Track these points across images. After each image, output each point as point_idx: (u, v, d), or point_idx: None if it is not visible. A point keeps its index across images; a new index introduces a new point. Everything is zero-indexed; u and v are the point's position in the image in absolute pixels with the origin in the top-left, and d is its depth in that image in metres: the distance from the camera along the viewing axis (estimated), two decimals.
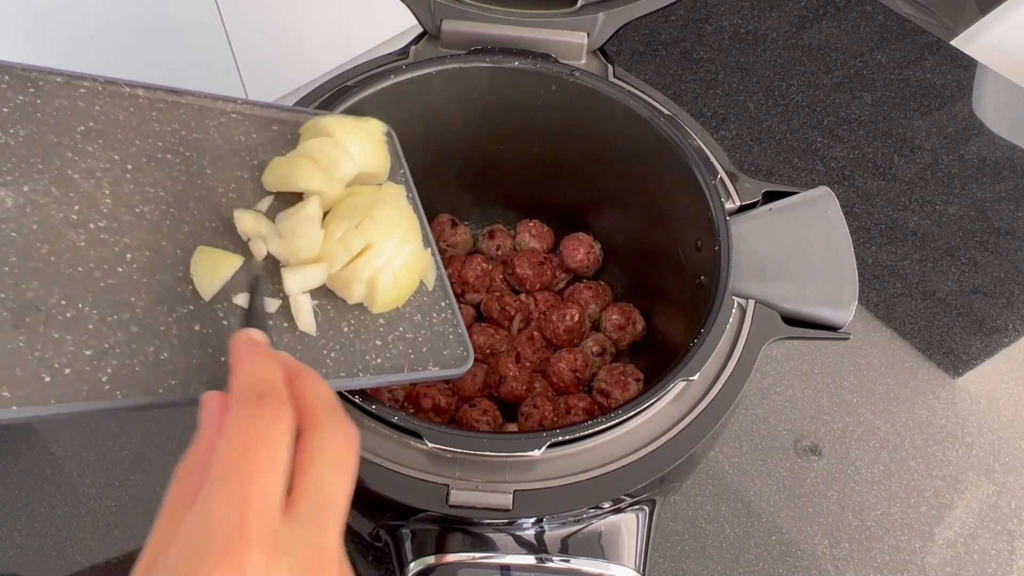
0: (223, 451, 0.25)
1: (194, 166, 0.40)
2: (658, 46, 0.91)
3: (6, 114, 0.36)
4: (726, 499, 0.59)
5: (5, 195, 0.34)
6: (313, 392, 0.28)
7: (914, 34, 0.94)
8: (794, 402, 0.64)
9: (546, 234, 0.65)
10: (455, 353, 0.41)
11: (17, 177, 0.35)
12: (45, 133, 0.37)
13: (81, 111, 0.38)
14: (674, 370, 0.41)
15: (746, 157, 0.81)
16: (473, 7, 0.54)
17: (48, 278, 0.33)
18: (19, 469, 0.58)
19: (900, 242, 0.75)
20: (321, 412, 0.27)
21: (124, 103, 0.40)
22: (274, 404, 0.26)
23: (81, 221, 0.35)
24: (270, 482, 0.24)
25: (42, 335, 0.31)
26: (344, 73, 0.53)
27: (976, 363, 0.68)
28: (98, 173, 0.37)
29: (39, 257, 0.33)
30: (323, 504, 0.25)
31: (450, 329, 0.41)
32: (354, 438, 0.28)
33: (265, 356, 0.29)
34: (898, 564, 0.57)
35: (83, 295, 0.33)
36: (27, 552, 0.54)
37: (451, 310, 0.42)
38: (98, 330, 0.32)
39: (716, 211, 0.47)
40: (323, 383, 0.29)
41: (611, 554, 0.42)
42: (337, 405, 0.28)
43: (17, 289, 0.32)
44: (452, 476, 0.39)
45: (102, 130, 0.38)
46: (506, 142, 0.60)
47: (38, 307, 0.32)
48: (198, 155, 0.41)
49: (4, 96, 0.37)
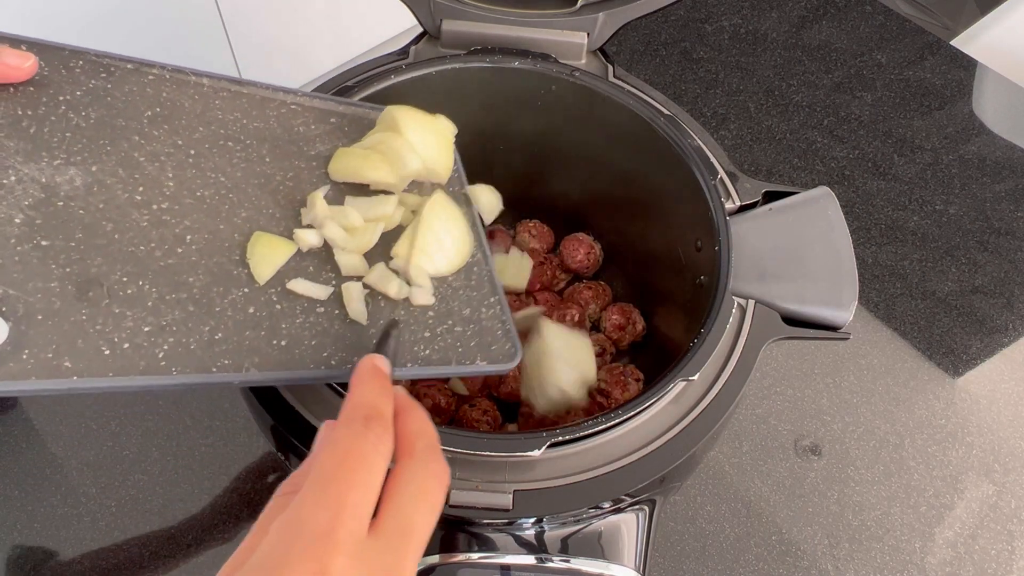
0: (322, 459, 0.26)
1: (254, 154, 0.41)
2: (658, 46, 0.91)
3: (79, 97, 0.38)
4: (726, 499, 0.59)
5: (75, 174, 0.35)
6: (415, 425, 0.29)
7: (914, 34, 0.94)
8: (794, 402, 0.64)
9: (546, 234, 0.65)
10: (503, 349, 0.40)
11: (87, 157, 0.36)
12: (114, 117, 0.38)
13: (149, 97, 0.40)
14: (674, 370, 0.41)
15: (746, 157, 0.81)
16: (473, 7, 0.54)
17: (111, 255, 0.34)
18: (19, 469, 0.58)
19: (900, 242, 0.75)
20: (419, 445, 0.29)
21: (189, 91, 0.41)
22: (378, 428, 0.27)
23: (145, 202, 0.36)
24: (362, 496, 0.25)
25: (104, 310, 0.32)
26: (344, 73, 0.53)
27: (976, 363, 0.68)
28: (162, 157, 0.38)
29: (104, 235, 0.34)
30: (406, 531, 0.26)
31: (498, 325, 0.41)
32: (445, 474, 0.29)
33: (382, 385, 0.30)
34: (898, 564, 0.57)
35: (144, 273, 0.34)
36: (27, 552, 0.54)
37: (500, 305, 0.42)
38: (156, 308, 0.33)
39: (716, 211, 0.47)
40: (429, 422, 0.30)
41: (611, 554, 0.42)
42: (435, 443, 0.29)
43: (82, 264, 0.33)
44: (452, 476, 0.39)
45: (168, 116, 0.40)
46: (506, 142, 0.60)
47: (101, 283, 0.33)
48: (258, 143, 0.42)
49: (78, 80, 0.38)
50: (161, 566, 0.54)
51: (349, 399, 0.29)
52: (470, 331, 0.41)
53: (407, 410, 0.30)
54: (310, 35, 1.39)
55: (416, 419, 0.30)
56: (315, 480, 0.25)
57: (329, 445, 0.27)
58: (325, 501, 0.25)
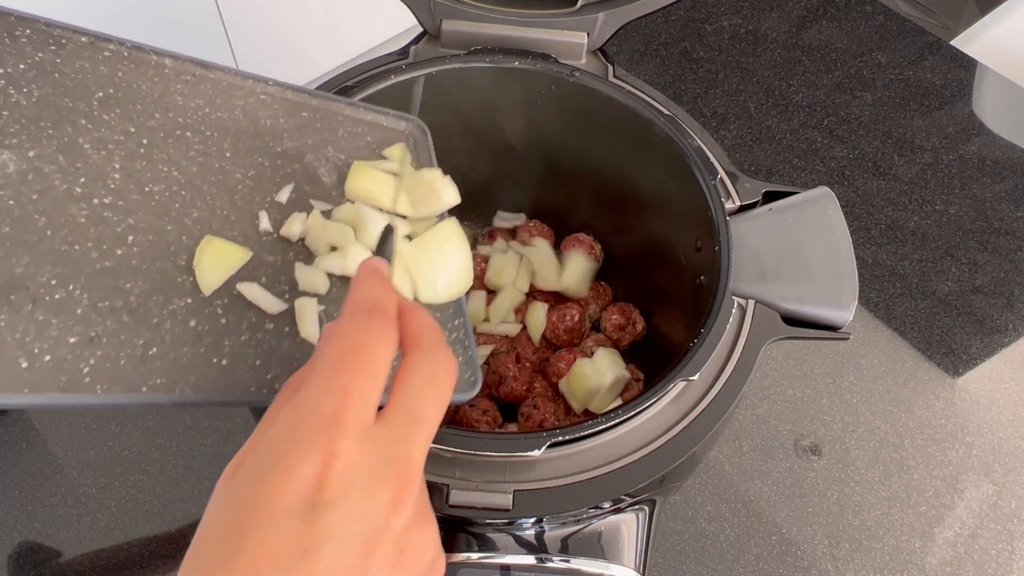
0: (327, 349, 0.26)
1: (213, 147, 0.38)
2: (658, 46, 0.91)
3: (22, 71, 0.34)
4: (726, 499, 0.59)
5: (8, 159, 0.32)
6: (420, 322, 0.29)
7: (914, 34, 0.94)
8: (794, 402, 0.64)
9: (546, 234, 0.65)
10: (461, 376, 0.37)
11: (24, 140, 0.32)
12: (60, 96, 0.34)
13: (102, 76, 0.36)
14: (674, 370, 0.41)
15: (746, 157, 0.81)
16: (473, 7, 0.54)
17: (41, 254, 0.30)
18: (19, 469, 0.58)
19: (900, 242, 0.75)
20: (425, 337, 0.28)
21: (149, 72, 0.37)
22: (382, 319, 0.27)
23: (85, 195, 0.33)
24: (368, 383, 0.25)
25: (26, 316, 0.29)
26: (344, 73, 0.53)
27: (976, 363, 0.68)
28: (111, 144, 0.35)
29: (35, 230, 0.31)
30: (415, 417, 0.26)
31: (460, 351, 0.38)
32: (452, 365, 0.28)
33: (384, 282, 0.30)
34: (898, 564, 0.57)
35: (76, 276, 0.31)
36: (27, 552, 0.54)
37: (464, 329, 0.39)
38: (87, 316, 0.30)
39: (716, 211, 0.47)
40: (432, 320, 0.30)
41: (611, 554, 0.42)
42: (441, 337, 0.29)
43: (6, 262, 0.30)
44: (452, 476, 0.39)
45: (121, 99, 0.36)
46: (506, 142, 0.60)
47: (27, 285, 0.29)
48: (219, 135, 0.38)
49: (23, 51, 0.34)
50: (161, 566, 0.54)
51: (351, 295, 0.28)
52: None
53: (410, 309, 0.30)
54: (310, 35, 1.39)
55: (420, 316, 0.29)
56: (321, 369, 0.25)
57: (333, 336, 0.26)
58: (331, 388, 0.25)
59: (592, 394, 0.54)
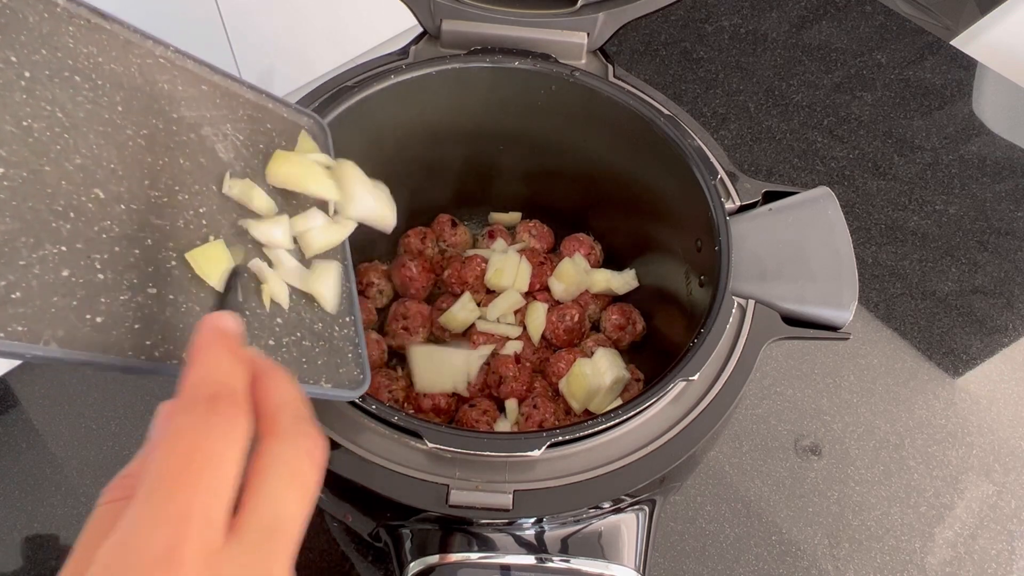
0: (159, 461, 0.21)
1: (104, 98, 0.34)
2: (658, 46, 0.91)
3: None
4: (726, 499, 0.59)
5: None
6: (278, 394, 0.25)
7: (914, 34, 0.94)
8: (794, 402, 0.64)
9: (546, 234, 0.65)
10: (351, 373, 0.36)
11: None
12: None
13: None
14: (674, 370, 0.41)
15: (746, 157, 0.81)
16: (473, 7, 0.54)
17: None
18: (19, 469, 0.58)
19: (900, 242, 0.75)
20: (283, 417, 0.24)
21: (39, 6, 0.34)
22: (228, 409, 0.22)
23: None
24: (212, 500, 0.21)
25: None
26: (344, 73, 0.53)
27: (976, 363, 0.68)
28: None
29: None
30: (274, 527, 0.22)
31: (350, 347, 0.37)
32: (318, 450, 0.24)
33: (229, 351, 0.25)
34: (898, 564, 0.57)
35: None
36: (27, 552, 0.54)
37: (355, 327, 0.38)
38: None
39: (716, 211, 0.47)
40: (292, 385, 0.25)
41: (611, 554, 0.42)
42: (304, 411, 0.25)
43: None
44: (452, 476, 0.39)
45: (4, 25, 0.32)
46: (506, 142, 0.60)
47: None
48: (112, 88, 0.35)
49: None
50: None
51: (188, 374, 0.24)
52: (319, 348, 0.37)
53: (265, 375, 0.25)
54: (310, 35, 1.39)
55: (277, 385, 0.25)
56: (150, 488, 0.21)
57: (167, 439, 0.21)
58: (165, 515, 0.20)
59: (592, 394, 0.54)
